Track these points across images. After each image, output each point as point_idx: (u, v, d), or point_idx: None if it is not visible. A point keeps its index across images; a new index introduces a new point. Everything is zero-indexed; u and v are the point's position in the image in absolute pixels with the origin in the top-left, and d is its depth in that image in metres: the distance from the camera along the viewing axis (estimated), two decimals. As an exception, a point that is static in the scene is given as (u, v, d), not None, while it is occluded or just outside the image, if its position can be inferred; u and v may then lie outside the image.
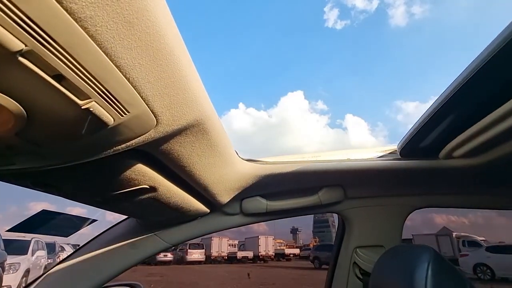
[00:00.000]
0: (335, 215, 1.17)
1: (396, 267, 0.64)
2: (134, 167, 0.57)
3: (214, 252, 22.92)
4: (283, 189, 0.95)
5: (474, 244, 12.95)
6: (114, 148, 0.47)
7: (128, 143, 0.46)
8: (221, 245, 23.61)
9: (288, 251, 26.19)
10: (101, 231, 1.07)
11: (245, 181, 0.84)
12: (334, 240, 1.24)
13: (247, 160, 0.74)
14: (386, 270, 0.68)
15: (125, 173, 0.60)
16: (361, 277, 1.07)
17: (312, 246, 24.37)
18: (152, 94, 0.39)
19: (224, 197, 0.91)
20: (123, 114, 0.38)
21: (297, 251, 27.08)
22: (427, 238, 17.59)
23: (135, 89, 0.36)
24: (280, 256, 25.09)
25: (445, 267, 0.59)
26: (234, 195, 0.92)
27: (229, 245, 24.97)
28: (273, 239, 25.71)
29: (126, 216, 1.03)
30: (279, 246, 26.92)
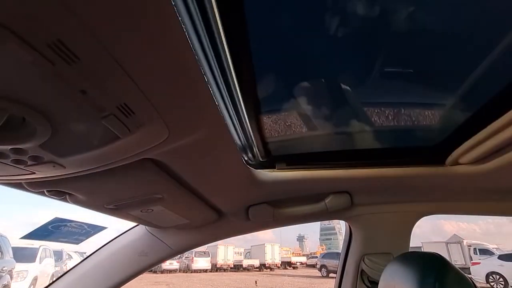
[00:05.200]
0: (342, 222, 1.17)
1: (404, 275, 0.63)
2: (146, 175, 0.59)
3: (220, 260, 22.72)
4: (289, 196, 0.95)
5: (486, 252, 12.62)
6: (129, 157, 0.49)
7: (142, 153, 0.48)
8: (227, 253, 23.42)
9: (294, 259, 25.83)
10: (110, 239, 1.09)
11: (252, 189, 0.85)
12: (341, 248, 1.23)
13: (254, 168, 0.76)
14: (394, 278, 0.67)
15: (137, 181, 0.62)
16: (369, 285, 1.06)
17: (318, 254, 24.02)
18: (167, 108, 0.41)
19: (232, 205, 0.92)
20: (139, 126, 0.40)
21: (303, 259, 26.70)
22: (437, 245, 17.15)
23: (151, 103, 0.38)
24: (286, 264, 24.76)
25: (455, 275, 0.59)
26: (241, 203, 0.93)
27: (235, 253, 24.74)
28: (279, 246, 25.43)
29: (134, 224, 1.04)
30: (286, 254, 26.58)
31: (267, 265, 23.24)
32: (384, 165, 0.83)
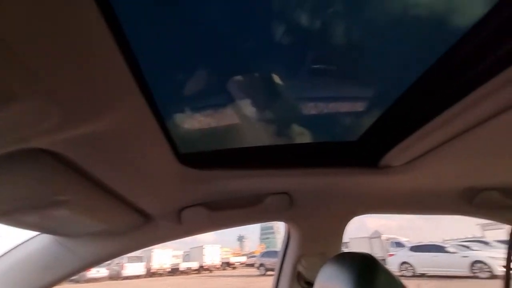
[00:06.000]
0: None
1: (339, 276, 0.63)
2: (40, 171, 0.46)
3: (156, 265, 21.47)
4: (227, 198, 0.89)
5: (399, 244, 14.54)
6: (5, 147, 0.36)
7: (22, 140, 0.36)
8: (164, 257, 22.28)
9: (234, 259, 25.96)
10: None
11: (185, 189, 0.76)
12: (280, 246, 1.22)
13: (188, 166, 0.67)
14: (329, 279, 0.67)
15: (27, 178, 0.47)
16: (305, 286, 1.06)
17: (258, 253, 24.58)
18: (55, 80, 0.30)
19: (161, 207, 0.81)
20: (8, 101, 0.28)
21: (243, 259, 27.01)
22: (362, 241, 19.21)
23: (26, 69, 0.27)
24: (225, 265, 24.74)
25: (387, 276, 0.61)
26: (172, 204, 0.83)
27: (173, 256, 23.75)
28: (219, 247, 25.28)
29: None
30: (225, 255, 26.56)
31: (205, 267, 22.84)
32: (320, 165, 0.83)
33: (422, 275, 10.56)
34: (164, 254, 22.36)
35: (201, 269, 22.74)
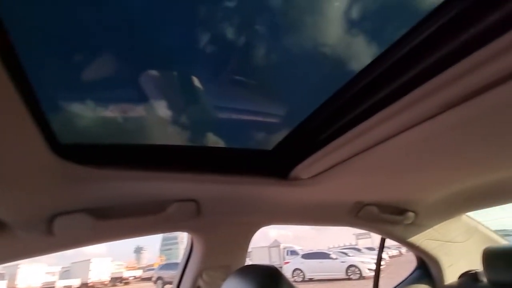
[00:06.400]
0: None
1: None
2: None
3: (21, 284, 17.31)
4: (120, 203, 0.74)
5: (294, 253, 15.99)
6: None
7: None
8: (34, 274, 18.19)
9: (127, 273, 23.34)
10: None
11: (61, 190, 0.60)
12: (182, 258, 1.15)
13: (68, 160, 0.53)
14: None
15: None
16: None
17: (157, 265, 22.82)
18: None
19: (24, 212, 0.63)
20: None
21: (139, 272, 24.60)
22: (263, 250, 20.29)
23: None
24: (116, 280, 21.98)
25: (289, 287, 0.62)
26: (41, 209, 0.64)
27: (47, 272, 19.65)
28: (111, 261, 22.33)
29: None
30: (117, 269, 23.62)
31: (90, 284, 19.72)
32: (232, 173, 0.82)
33: (310, 280, 11.82)
34: (34, 271, 18.27)
35: (84, 287, 19.50)
